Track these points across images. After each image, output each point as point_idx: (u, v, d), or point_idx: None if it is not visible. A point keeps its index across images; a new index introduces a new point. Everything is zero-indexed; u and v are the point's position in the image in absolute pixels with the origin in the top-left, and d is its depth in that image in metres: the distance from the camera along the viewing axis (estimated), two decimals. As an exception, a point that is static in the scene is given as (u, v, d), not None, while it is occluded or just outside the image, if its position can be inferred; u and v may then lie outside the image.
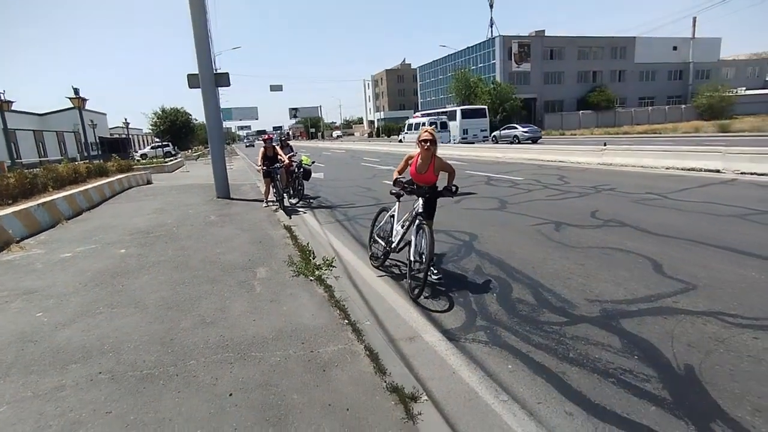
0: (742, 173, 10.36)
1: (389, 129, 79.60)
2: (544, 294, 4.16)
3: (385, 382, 2.67)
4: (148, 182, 16.60)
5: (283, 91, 49.11)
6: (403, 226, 4.67)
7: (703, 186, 9.44)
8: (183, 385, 2.71)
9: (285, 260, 5.31)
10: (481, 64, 58.86)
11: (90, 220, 8.94)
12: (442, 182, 4.49)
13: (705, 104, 49.10)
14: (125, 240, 6.86)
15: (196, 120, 59.38)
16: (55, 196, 9.53)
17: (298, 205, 10.16)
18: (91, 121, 36.74)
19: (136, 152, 43.51)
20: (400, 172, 4.55)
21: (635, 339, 3.25)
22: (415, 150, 4.54)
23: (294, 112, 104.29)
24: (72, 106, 21.24)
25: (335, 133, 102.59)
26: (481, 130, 34.45)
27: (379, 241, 5.10)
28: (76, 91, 20.38)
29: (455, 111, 35.69)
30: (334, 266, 5.10)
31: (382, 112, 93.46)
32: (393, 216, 4.90)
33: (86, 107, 22.70)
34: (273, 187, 9.76)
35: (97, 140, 37.40)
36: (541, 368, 2.95)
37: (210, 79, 10.65)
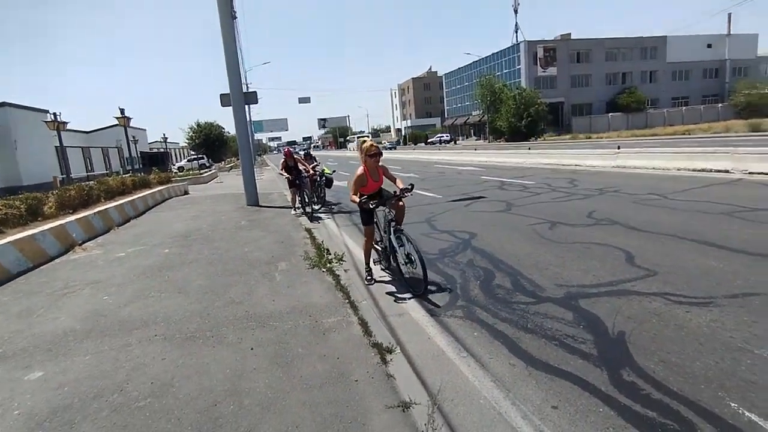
0: (750, 173, 10.57)
1: (416, 137, 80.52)
2: (520, 280, 4.82)
3: (370, 341, 3.44)
4: (186, 193, 17.98)
5: (310, 102, 51.12)
6: (385, 232, 5.10)
7: (706, 186, 9.75)
8: (216, 342, 3.56)
9: (302, 256, 6.16)
10: (507, 70, 59.09)
11: (137, 226, 10.10)
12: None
13: (743, 102, 47.66)
14: (167, 242, 7.89)
15: (229, 133, 61.92)
16: (107, 206, 10.78)
17: (320, 210, 11.04)
18: (133, 137, 39.22)
19: (174, 165, 45.98)
20: (356, 194, 4.76)
21: (586, 314, 3.88)
22: (358, 171, 4.79)
23: (323, 122, 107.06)
24: (116, 123, 23.10)
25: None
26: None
27: (377, 246, 5.49)
28: (122, 111, 22.17)
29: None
30: (344, 260, 5.91)
31: (409, 120, 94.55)
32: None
33: (130, 125, 24.60)
34: (298, 195, 10.48)
35: (138, 155, 39.82)
36: (500, 335, 3.64)
37: (239, 98, 11.76)
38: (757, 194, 8.44)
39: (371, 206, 4.72)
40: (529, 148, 24.34)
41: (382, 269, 5.48)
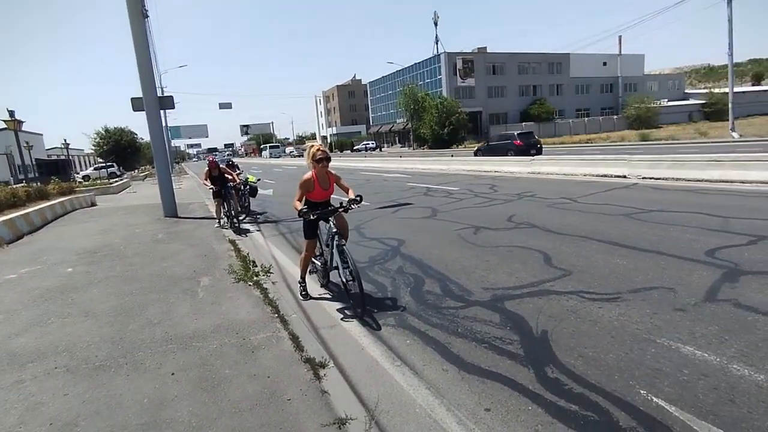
0: (643, 178, 11.82)
1: (342, 144, 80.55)
2: (449, 285, 4.93)
3: (302, 356, 3.32)
4: (93, 204, 16.40)
5: (232, 108, 49.01)
6: (327, 245, 4.75)
7: (609, 190, 10.73)
8: (131, 370, 3.24)
9: (227, 269, 5.84)
10: (429, 80, 61.15)
11: (33, 243, 9.01)
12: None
13: (633, 115, 53.34)
14: (71, 260, 7.11)
15: (143, 139, 57.77)
16: (-6, 221, 9.49)
17: (245, 220, 10.59)
18: (27, 142, 35.14)
19: (78, 174, 41.87)
20: (300, 200, 4.44)
21: (512, 315, 4.05)
22: (306, 175, 4.49)
23: (245, 129, 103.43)
24: (3, 126, 20.54)
25: (287, 149, 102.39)
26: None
27: (315, 261, 5.12)
28: (11, 113, 19.79)
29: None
30: (271, 272, 5.69)
31: (334, 128, 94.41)
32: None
33: (22, 128, 22.01)
34: (224, 207, 9.80)
35: (33, 162, 35.73)
36: (432, 341, 3.68)
37: (154, 102, 10.99)
38: (649, 197, 9.42)
39: (311, 217, 4.38)
40: (452, 155, 25.29)
41: (321, 286, 5.20)
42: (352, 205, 4.52)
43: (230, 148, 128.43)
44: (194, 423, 2.60)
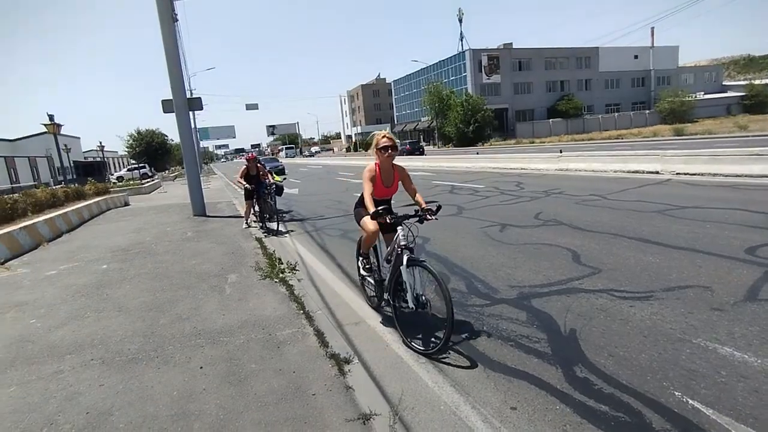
0: (677, 174, 11.39)
1: (367, 143, 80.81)
2: (474, 283, 4.88)
3: (327, 352, 3.33)
4: (126, 204, 16.97)
5: (258, 109, 49.90)
6: (388, 261, 3.93)
7: (641, 186, 10.39)
8: (162, 363, 3.33)
9: (253, 267, 5.94)
10: (453, 77, 60.64)
11: (71, 242, 9.38)
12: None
13: (667, 109, 51.51)
14: (106, 257, 7.37)
15: (173, 140, 59.38)
16: (35, 220, 9.94)
17: (271, 219, 10.74)
18: (65, 145, 36.68)
19: (112, 175, 43.42)
20: (371, 195, 3.72)
21: (539, 313, 3.97)
22: (369, 166, 3.89)
23: (271, 129, 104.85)
24: (45, 130, 21.46)
25: (313, 149, 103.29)
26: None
27: (368, 278, 4.28)
28: (50, 117, 20.65)
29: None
30: (297, 270, 5.75)
31: (359, 127, 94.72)
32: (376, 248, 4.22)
33: (60, 132, 22.94)
34: (254, 208, 9.44)
35: (71, 164, 37.26)
36: (457, 338, 3.65)
37: (183, 104, 11.27)
38: (684, 193, 9.08)
39: (387, 221, 3.52)
40: (477, 153, 25.02)
41: (371, 306, 4.42)
42: (429, 216, 3.59)
43: (257, 148, 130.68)
44: (221, 416, 2.65)
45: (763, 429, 2.28)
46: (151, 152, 52.31)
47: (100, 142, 42.76)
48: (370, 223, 3.76)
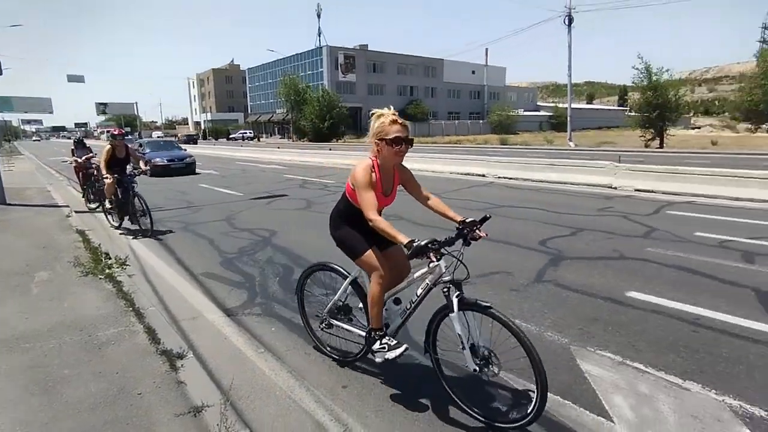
0: (498, 177, 13.32)
1: (217, 131, 75.79)
2: (317, 274, 5.05)
3: (158, 349, 3.15)
4: None
5: (84, 82, 42.48)
6: (397, 302, 2.90)
7: (471, 187, 11.89)
8: (-64, 379, 2.75)
9: (72, 263, 5.20)
10: (310, 71, 60.53)
11: None
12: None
13: (496, 121, 59.41)
14: None
15: (-42, 109, 47.43)
16: None
17: (97, 209, 9.46)
18: None
19: None
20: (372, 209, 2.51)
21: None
22: (362, 165, 2.60)
23: (102, 107, 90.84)
24: None
25: (155, 134, 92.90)
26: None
27: (336, 328, 3.16)
28: None
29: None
30: (128, 265, 5.23)
31: (209, 113, 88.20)
32: (354, 281, 3.06)
33: None
34: (115, 201, 7.41)
35: None
36: (297, 328, 3.76)
37: (-26, 66, 9.15)
38: (503, 194, 10.68)
39: (433, 258, 2.42)
40: (330, 149, 25.52)
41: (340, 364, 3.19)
42: (477, 233, 2.59)
43: (82, 129, 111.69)
44: (19, 431, 2.33)
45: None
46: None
47: None
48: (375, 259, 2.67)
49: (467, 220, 2.61)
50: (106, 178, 7.18)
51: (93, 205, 9.62)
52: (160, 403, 2.56)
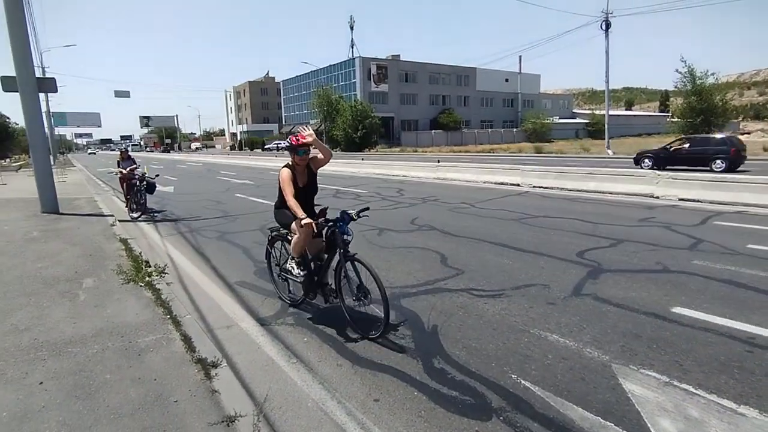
0: (533, 186, 13.03)
1: (252, 142, 77.89)
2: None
3: (193, 357, 3.22)
4: (-52, 196, 14.08)
5: (130, 97, 44.73)
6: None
7: (504, 197, 11.68)
8: (-10, 381, 2.90)
9: (115, 270, 5.42)
10: (343, 83, 61.41)
11: None
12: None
13: (530, 129, 58.31)
14: None
15: (17, 124, 50.80)
16: None
17: (140, 218, 9.85)
18: None
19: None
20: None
21: (407, 312, 4.28)
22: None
23: (146, 120, 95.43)
24: None
25: (194, 145, 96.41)
26: None
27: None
28: None
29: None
30: (166, 273, 5.39)
31: (245, 125, 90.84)
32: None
33: None
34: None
35: None
36: (329, 338, 3.77)
37: (31, 83, 9.76)
38: (537, 204, 10.42)
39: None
40: (362, 159, 25.69)
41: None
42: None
43: (127, 141, 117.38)
44: (65, 433, 2.42)
45: (573, 399, 2.77)
46: (-14, 136, 44.24)
47: None
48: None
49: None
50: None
51: (135, 215, 10.01)
52: (195, 411, 2.60)
